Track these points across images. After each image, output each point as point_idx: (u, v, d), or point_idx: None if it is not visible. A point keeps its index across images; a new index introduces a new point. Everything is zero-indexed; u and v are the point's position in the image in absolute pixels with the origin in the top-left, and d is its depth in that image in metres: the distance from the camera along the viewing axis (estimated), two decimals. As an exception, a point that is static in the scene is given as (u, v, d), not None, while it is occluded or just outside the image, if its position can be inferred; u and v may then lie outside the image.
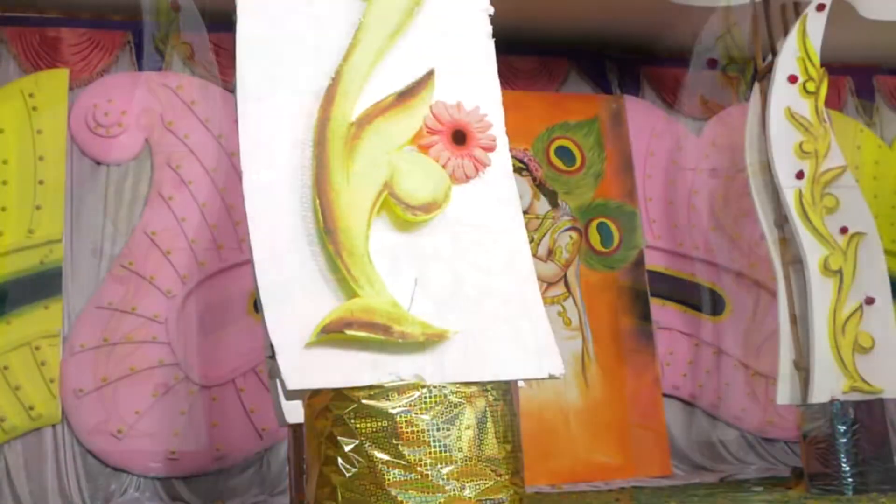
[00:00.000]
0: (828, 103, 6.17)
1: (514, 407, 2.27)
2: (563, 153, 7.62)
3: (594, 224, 7.51)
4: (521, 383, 2.44)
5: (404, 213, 2.18)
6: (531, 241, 7.30)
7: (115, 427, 6.11)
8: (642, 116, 7.88)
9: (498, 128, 2.48)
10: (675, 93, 8.10)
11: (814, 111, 5.72)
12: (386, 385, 2.07)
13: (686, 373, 7.40)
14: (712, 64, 5.43)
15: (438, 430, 2.02)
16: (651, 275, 7.49)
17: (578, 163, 7.63)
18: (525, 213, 7.38)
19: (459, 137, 2.25)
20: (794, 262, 5.70)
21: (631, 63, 8.11)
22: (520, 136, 7.53)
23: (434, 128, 2.26)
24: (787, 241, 5.77)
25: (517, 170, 7.41)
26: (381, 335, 2.07)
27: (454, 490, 1.98)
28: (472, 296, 2.19)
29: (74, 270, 6.35)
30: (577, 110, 7.77)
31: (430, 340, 2.12)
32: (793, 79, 5.75)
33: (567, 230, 7.44)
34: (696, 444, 7.31)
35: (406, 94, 2.28)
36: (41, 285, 6.21)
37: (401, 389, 2.06)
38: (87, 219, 6.48)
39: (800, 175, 5.59)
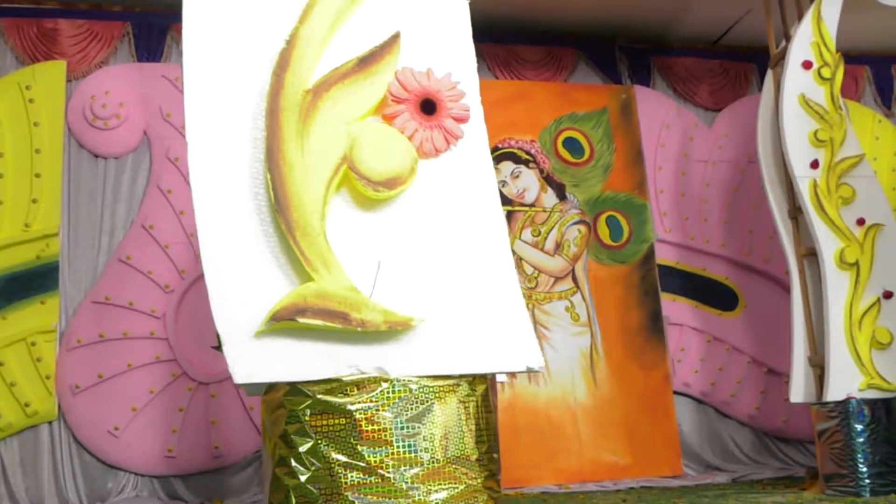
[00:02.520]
0: (845, 93, 5.97)
1: (491, 403, 2.04)
2: (572, 145, 7.44)
3: (603, 217, 7.33)
4: (502, 378, 2.25)
5: (365, 188, 1.99)
6: (538, 234, 7.14)
7: (111, 424, 6.00)
8: (653, 107, 7.69)
9: (472, 97, 2.30)
10: (686, 83, 7.90)
11: (829, 98, 5.52)
12: (344, 379, 1.88)
13: (698, 370, 7.21)
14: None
15: (403, 428, 1.84)
16: (662, 269, 7.30)
17: (587, 154, 7.45)
18: (532, 205, 7.22)
19: (428, 107, 2.07)
20: (809, 254, 5.51)
21: (641, 52, 7.93)
22: (527, 127, 7.38)
23: (399, 96, 2.08)
24: (802, 233, 5.57)
25: (524, 161, 7.26)
26: (338, 323, 1.88)
27: (420, 495, 1.79)
28: (442, 281, 2.00)
29: (71, 265, 6.25)
30: (585, 101, 7.59)
31: (393, 329, 1.92)
32: (807, 65, 5.55)
33: (575, 223, 7.26)
34: (707, 443, 7.12)
35: (368, 60, 2.08)
36: (37, 280, 6.11)
37: (361, 383, 1.87)
38: (84, 212, 6.37)
39: (814, 164, 5.40)
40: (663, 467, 6.79)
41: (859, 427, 5.02)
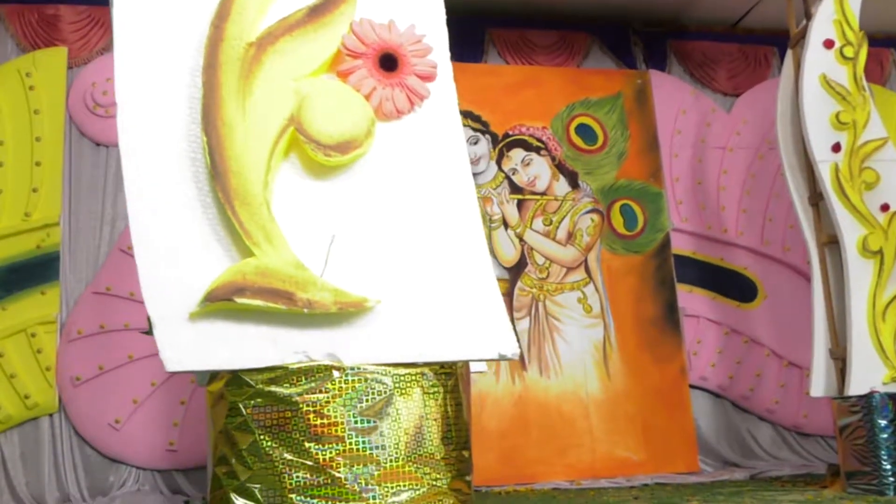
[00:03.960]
0: (869, 76, 5.72)
1: (462, 395, 1.85)
2: (584, 131, 7.25)
3: (617, 206, 7.13)
4: (481, 367, 2.06)
5: (315, 153, 1.80)
6: (549, 223, 6.95)
7: (112, 417, 5.90)
8: (669, 92, 7.47)
9: (440, 52, 2.09)
10: (703, 67, 7.67)
11: (852, 78, 5.28)
12: (290, 366, 1.67)
13: (715, 363, 7.00)
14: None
15: (357, 422, 1.63)
16: (678, 259, 7.10)
17: (600, 141, 7.25)
18: (543, 194, 7.03)
19: (389, 63, 1.87)
20: (830, 242, 5.28)
21: (657, 36, 7.71)
22: (538, 113, 7.19)
23: (355, 50, 1.88)
24: (823, 220, 5.34)
25: (535, 149, 7.07)
26: (282, 304, 1.67)
27: (375, 498, 1.59)
28: (403, 259, 1.80)
29: (72, 255, 6.15)
30: (599, 86, 7.39)
31: (345, 311, 1.72)
32: (829, 43, 5.31)
33: (588, 212, 7.07)
34: (725, 438, 6.92)
35: (320, 9, 1.86)
36: (38, 270, 6.02)
37: (309, 372, 1.67)
38: (85, 201, 6.27)
39: (836, 148, 5.17)
40: (679, 463, 6.60)
41: (883, 422, 4.80)
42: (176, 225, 1.68)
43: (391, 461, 1.65)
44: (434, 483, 1.66)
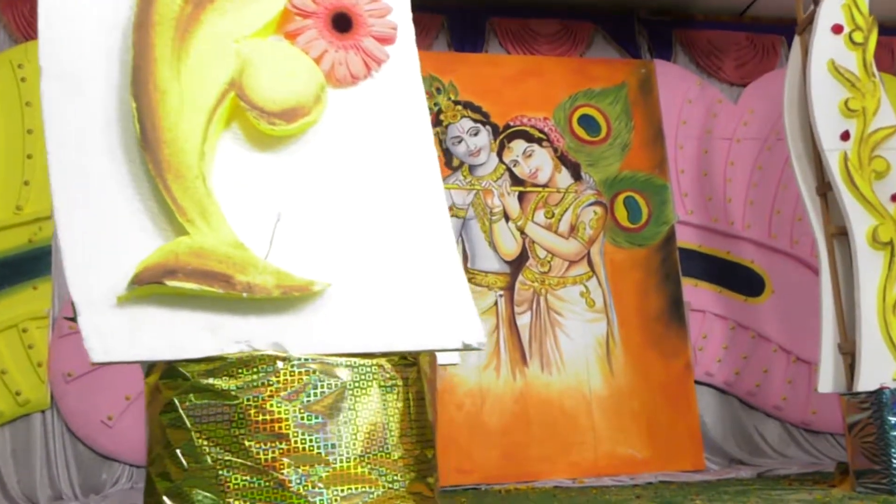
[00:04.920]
0: (880, 65, 5.56)
1: (424, 389, 1.69)
2: (588, 122, 7.10)
3: (621, 198, 6.98)
4: (454, 358, 1.92)
5: (258, 121, 1.64)
6: (551, 216, 6.81)
7: (105, 413, 5.79)
8: (674, 82, 7.32)
9: (401, 13, 1.90)
10: (710, 56, 7.51)
11: (861, 64, 5.11)
12: (231, 357, 1.53)
13: (721, 358, 6.86)
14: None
15: (304, 418, 1.50)
16: (683, 252, 6.95)
17: (604, 132, 7.10)
18: (545, 186, 6.89)
19: (342, 23, 1.70)
20: (839, 234, 5.13)
21: (662, 25, 7.56)
22: (540, 104, 7.05)
23: (304, 9, 1.73)
24: (831, 210, 5.18)
25: (537, 140, 6.94)
26: (218, 287, 1.53)
27: (324, 501, 1.45)
28: (357, 239, 1.65)
29: (64, 249, 6.04)
30: (602, 76, 7.24)
31: (290, 296, 1.57)
32: (837, 29, 5.15)
33: (591, 205, 6.92)
34: (731, 436, 6.77)
35: None
36: (29, 264, 5.93)
37: (251, 363, 1.52)
38: (78, 195, 6.16)
39: (845, 136, 5.01)
40: (684, 461, 6.45)
41: (893, 419, 4.64)
42: (104, 201, 1.54)
43: (342, 461, 1.49)
44: (390, 485, 1.51)
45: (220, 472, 1.44)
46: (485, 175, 6.79)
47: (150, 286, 1.51)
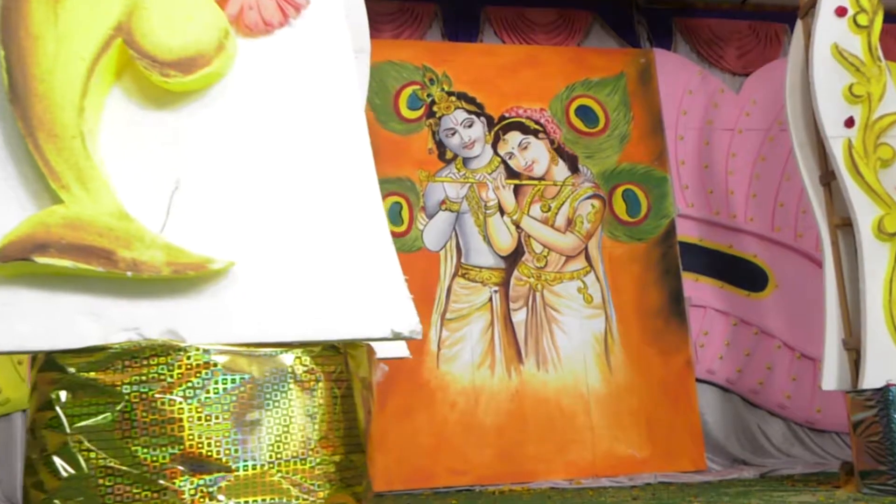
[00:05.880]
0: (888, 55, 5.37)
1: (352, 386, 1.49)
2: (585, 113, 6.92)
3: (619, 191, 6.80)
4: (401, 350, 1.73)
5: (149, 71, 1.43)
6: (548, 210, 6.63)
7: (87, 413, 5.65)
8: (674, 72, 7.15)
9: None
10: (711, 45, 7.32)
11: (866, 48, 4.93)
12: (117, 347, 1.33)
13: (723, 355, 6.69)
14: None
15: (202, 418, 1.29)
16: (683, 246, 6.78)
17: (602, 124, 6.92)
18: (541, 179, 6.71)
19: None
20: (843, 225, 4.96)
21: (662, 13, 7.39)
22: (536, 94, 6.88)
23: None
24: (835, 200, 4.99)
25: (533, 132, 6.77)
26: (98, 265, 1.32)
27: None
28: (270, 212, 1.45)
29: (47, 244, 5.90)
30: (600, 66, 7.06)
31: (184, 276, 1.35)
32: (841, 11, 4.97)
33: (588, 198, 6.74)
34: (733, 435, 6.60)
35: None
36: (10, 260, 5.78)
37: (140, 354, 1.32)
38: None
39: (849, 122, 4.84)
40: (684, 461, 6.28)
41: (900, 418, 4.45)
42: (-33, 165, 1.36)
43: (248, 469, 1.30)
44: (305, 496, 1.31)
45: (101, 482, 1.25)
46: (479, 168, 6.62)
47: (18, 264, 1.32)
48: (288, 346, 1.43)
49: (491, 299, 6.37)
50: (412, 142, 6.54)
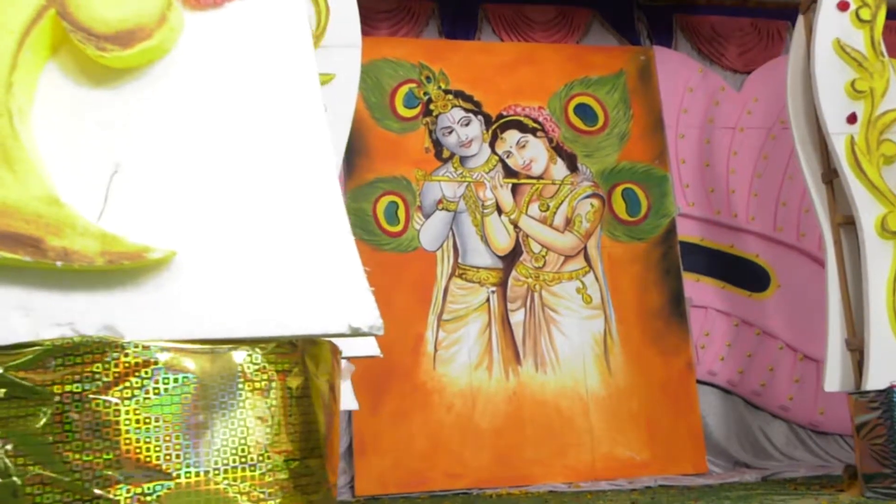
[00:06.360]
0: (891, 49, 5.28)
1: (310, 386, 1.38)
2: (584, 111, 6.84)
3: (619, 190, 6.71)
4: (370, 348, 1.63)
5: (84, 45, 1.33)
6: (546, 209, 6.54)
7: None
8: (675, 69, 7.07)
9: None
10: (712, 43, 7.24)
11: (869, 43, 4.84)
12: (47, 344, 1.22)
13: (724, 356, 6.60)
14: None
15: (142, 421, 1.19)
16: (684, 246, 6.69)
17: (601, 122, 6.83)
18: (540, 178, 6.63)
19: None
20: (846, 223, 4.87)
21: (662, 11, 7.31)
22: (534, 92, 6.79)
23: None
24: (838, 198, 4.90)
25: (531, 130, 6.69)
26: (24, 254, 1.21)
27: None
28: (218, 199, 1.36)
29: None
30: (600, 64, 6.98)
31: (119, 266, 1.25)
32: (843, 6, 4.89)
33: (587, 197, 6.66)
34: (735, 437, 6.51)
35: None
36: None
37: (75, 352, 1.21)
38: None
39: (852, 119, 4.75)
40: (685, 464, 6.19)
41: (905, 420, 4.36)
42: None
43: (190, 475, 1.21)
44: None
45: (30, 490, 1.15)
46: (476, 167, 6.54)
47: (-67, 251, 1.24)
48: (237, 342, 1.33)
49: (488, 300, 6.29)
50: (408, 140, 6.46)
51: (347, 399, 4.05)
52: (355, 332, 1.40)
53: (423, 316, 6.15)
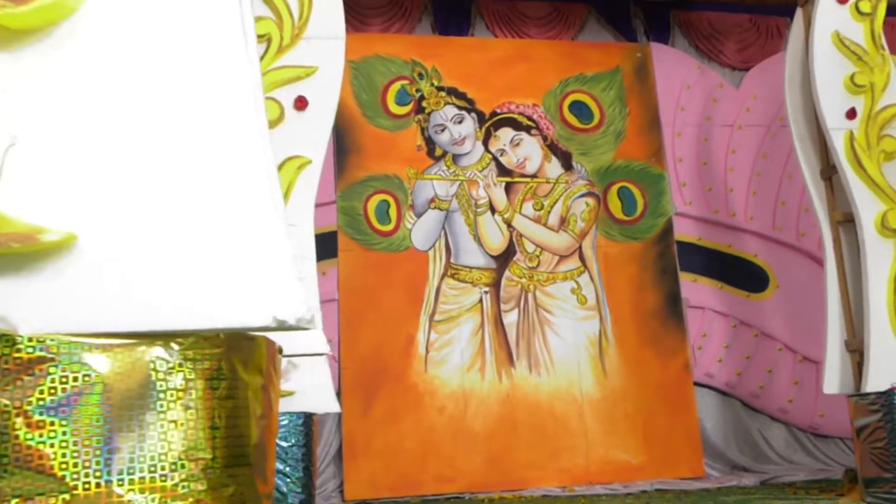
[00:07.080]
0: (893, 46, 5.17)
1: (237, 387, 1.25)
2: (579, 109, 6.74)
3: (614, 189, 6.60)
4: (319, 345, 1.51)
5: None
6: (540, 208, 6.43)
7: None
8: (672, 66, 6.96)
9: None
10: (710, 39, 7.13)
11: (869, 36, 4.72)
12: None
13: (722, 358, 6.48)
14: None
15: (34, 425, 1.05)
16: (681, 246, 6.58)
17: (596, 119, 6.73)
18: (534, 176, 6.52)
19: None
20: (845, 221, 4.75)
21: (659, 7, 7.21)
22: (529, 90, 6.69)
23: None
24: (837, 196, 4.79)
25: (525, 128, 6.58)
26: None
27: None
28: (128, 176, 1.24)
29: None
30: (595, 60, 6.87)
31: (9, 250, 1.12)
32: (842, -2, 4.74)
33: (582, 196, 6.55)
34: (733, 440, 6.39)
35: None
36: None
37: None
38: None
39: (851, 114, 4.64)
40: (682, 468, 6.08)
41: (906, 423, 4.24)
42: None
43: (90, 485, 1.09)
44: None
45: None
46: (470, 165, 6.43)
47: None
48: (149, 337, 1.21)
49: (481, 300, 6.17)
50: (400, 138, 6.35)
51: (328, 402, 3.93)
52: (281, 325, 1.27)
53: (414, 317, 6.03)
